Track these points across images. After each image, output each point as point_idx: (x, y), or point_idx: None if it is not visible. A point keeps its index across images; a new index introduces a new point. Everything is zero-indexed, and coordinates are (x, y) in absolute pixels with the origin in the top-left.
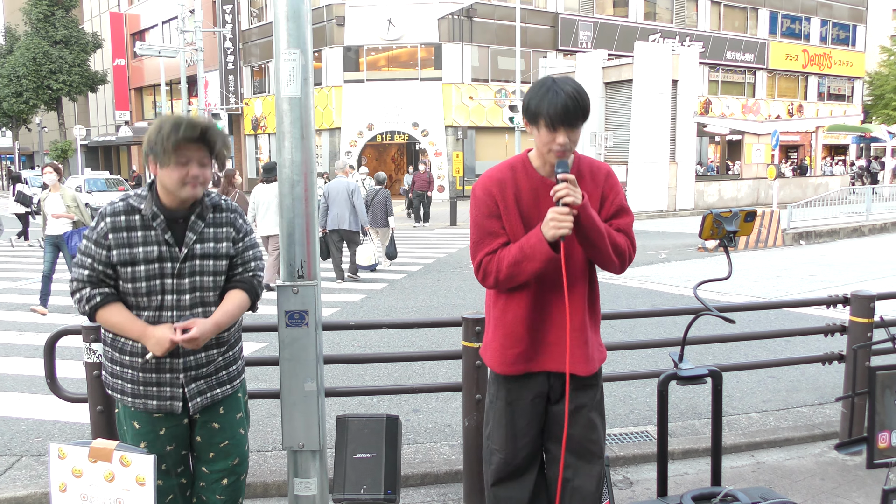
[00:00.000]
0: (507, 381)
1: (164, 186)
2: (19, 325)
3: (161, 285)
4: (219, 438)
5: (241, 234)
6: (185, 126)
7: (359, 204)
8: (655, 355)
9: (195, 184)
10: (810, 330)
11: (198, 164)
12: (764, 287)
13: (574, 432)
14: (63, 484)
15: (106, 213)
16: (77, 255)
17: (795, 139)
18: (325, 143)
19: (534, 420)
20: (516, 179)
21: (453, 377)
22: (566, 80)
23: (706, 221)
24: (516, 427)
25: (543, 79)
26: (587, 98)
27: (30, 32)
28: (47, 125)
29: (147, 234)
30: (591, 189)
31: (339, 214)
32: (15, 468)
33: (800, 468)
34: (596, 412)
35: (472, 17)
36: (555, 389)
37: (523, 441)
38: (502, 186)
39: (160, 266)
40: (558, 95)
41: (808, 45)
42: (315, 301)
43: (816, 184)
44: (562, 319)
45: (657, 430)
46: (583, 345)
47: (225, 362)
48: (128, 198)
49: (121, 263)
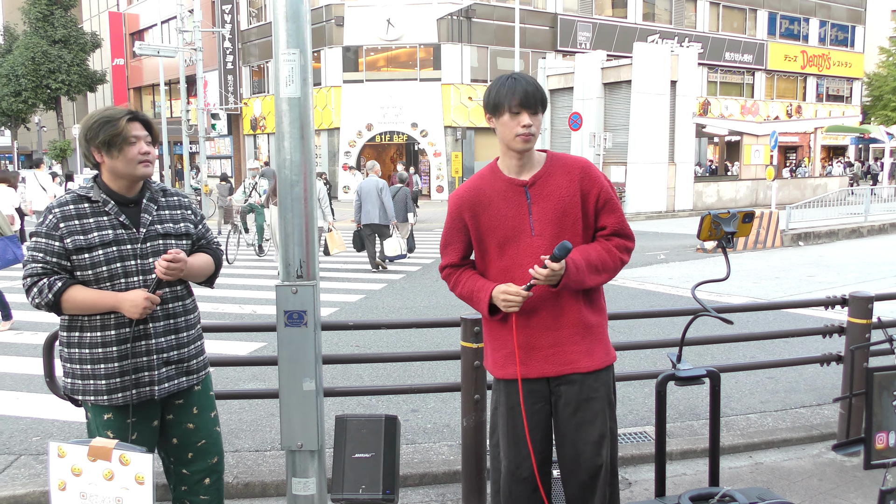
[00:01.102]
0: (507, 385)
1: (116, 172)
2: (17, 325)
3: (123, 268)
4: (195, 438)
5: (199, 217)
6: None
7: (387, 201)
8: (654, 356)
9: (147, 161)
10: (809, 331)
11: (145, 141)
12: (762, 288)
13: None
14: (62, 482)
15: (53, 206)
16: (26, 254)
17: (794, 140)
18: (325, 144)
19: (535, 428)
20: (484, 187)
21: (452, 377)
22: (523, 74)
23: (704, 222)
24: (518, 433)
25: (501, 75)
26: (540, 86)
27: (29, 32)
28: (46, 125)
29: (100, 219)
30: (565, 184)
31: (371, 210)
32: (14, 467)
33: (798, 469)
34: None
35: (471, 18)
36: (556, 394)
37: (526, 449)
38: (471, 199)
39: (118, 249)
40: (518, 82)
41: (807, 45)
42: (314, 301)
43: (815, 185)
44: (553, 322)
45: (655, 431)
46: (580, 340)
47: (194, 351)
48: (72, 191)
49: (76, 250)
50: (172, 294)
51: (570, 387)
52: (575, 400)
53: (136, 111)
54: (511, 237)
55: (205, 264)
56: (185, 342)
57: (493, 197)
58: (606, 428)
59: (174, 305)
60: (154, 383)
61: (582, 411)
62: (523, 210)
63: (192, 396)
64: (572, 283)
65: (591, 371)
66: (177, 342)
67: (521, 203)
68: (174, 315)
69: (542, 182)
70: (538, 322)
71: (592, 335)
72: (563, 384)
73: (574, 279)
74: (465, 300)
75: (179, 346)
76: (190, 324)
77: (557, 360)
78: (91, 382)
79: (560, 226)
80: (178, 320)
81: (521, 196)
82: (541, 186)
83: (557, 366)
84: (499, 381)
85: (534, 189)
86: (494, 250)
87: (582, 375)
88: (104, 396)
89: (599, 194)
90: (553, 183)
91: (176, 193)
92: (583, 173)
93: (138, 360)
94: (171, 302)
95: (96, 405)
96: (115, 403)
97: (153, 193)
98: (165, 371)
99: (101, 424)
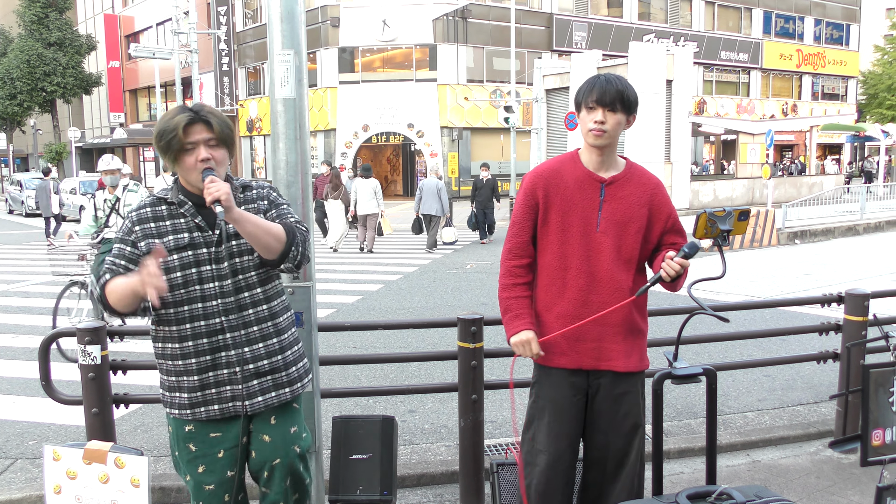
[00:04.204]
0: (549, 376)
1: (185, 179)
2: (14, 328)
3: (199, 274)
4: (271, 454)
5: (273, 203)
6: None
7: (444, 197)
8: (649, 354)
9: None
10: (805, 329)
11: (205, 146)
12: (759, 286)
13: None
14: (58, 486)
15: (132, 210)
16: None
17: (790, 139)
18: (321, 145)
19: (573, 420)
20: (563, 171)
21: (449, 378)
22: (615, 75)
23: (700, 220)
24: (562, 426)
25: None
26: (628, 87)
27: (23, 34)
28: (41, 127)
29: (176, 222)
30: (638, 194)
31: (430, 204)
32: (10, 471)
33: (795, 466)
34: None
35: (467, 18)
36: (593, 387)
37: (566, 440)
38: (547, 179)
39: (195, 254)
40: (598, 80)
41: (802, 44)
42: (311, 302)
43: (811, 183)
44: (602, 317)
45: (652, 430)
46: (621, 340)
47: (291, 358)
48: (154, 194)
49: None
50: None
51: (607, 381)
52: (610, 394)
53: (199, 110)
54: (577, 227)
55: (268, 226)
56: (275, 349)
57: (569, 182)
58: (641, 419)
59: (254, 311)
60: (242, 398)
61: (617, 404)
62: (595, 204)
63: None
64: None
65: (625, 371)
66: (266, 350)
67: (594, 197)
68: (256, 322)
69: (619, 185)
70: (588, 315)
71: (634, 339)
72: (600, 378)
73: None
74: (500, 306)
75: (270, 354)
76: (280, 328)
77: (597, 355)
78: (176, 395)
79: (623, 231)
80: (262, 326)
81: (595, 191)
82: (617, 188)
83: (595, 360)
84: (541, 373)
85: (610, 188)
86: (556, 236)
87: (616, 374)
88: (187, 410)
89: (670, 216)
90: (628, 189)
91: (256, 187)
92: (656, 191)
93: (219, 372)
94: (248, 308)
95: (179, 419)
96: (199, 418)
97: (236, 190)
98: (257, 383)
99: (182, 437)
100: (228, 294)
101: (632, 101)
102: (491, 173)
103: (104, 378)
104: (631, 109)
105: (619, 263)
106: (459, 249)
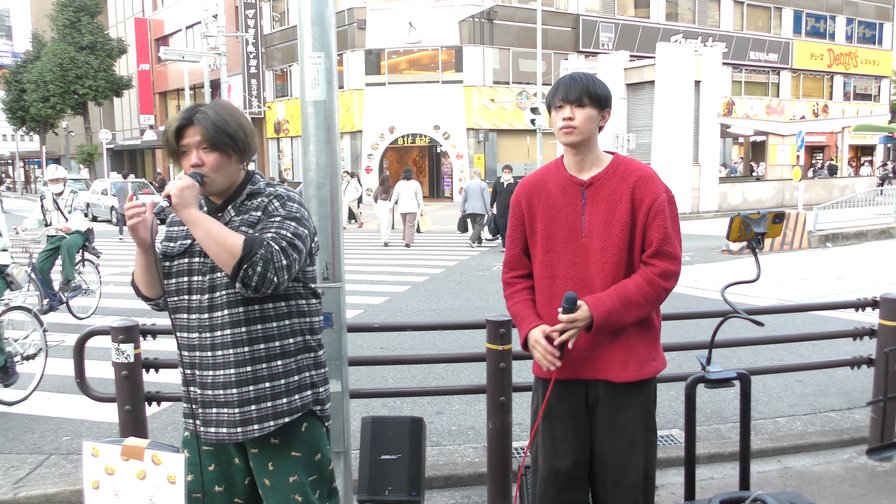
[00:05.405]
0: (545, 385)
1: None
2: (48, 326)
3: (189, 284)
4: (272, 500)
5: (267, 214)
6: (172, 119)
7: (486, 197)
8: (679, 358)
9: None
10: (838, 333)
11: (196, 149)
12: (790, 290)
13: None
14: (96, 481)
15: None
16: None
17: (821, 140)
18: (347, 147)
19: (572, 431)
20: (546, 179)
21: (476, 379)
22: (579, 71)
23: (734, 223)
24: (555, 434)
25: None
26: (596, 83)
27: (56, 38)
28: (74, 129)
29: (185, 227)
30: (619, 190)
31: (475, 203)
32: (44, 466)
33: (828, 474)
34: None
35: (493, 20)
36: (592, 397)
37: (563, 449)
38: (529, 189)
39: (189, 262)
40: (563, 78)
41: (834, 44)
42: (340, 303)
43: (843, 185)
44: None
45: (685, 434)
46: (617, 350)
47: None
48: None
49: (163, 257)
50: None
51: (605, 392)
52: (608, 405)
53: (194, 114)
54: (561, 234)
55: (219, 235)
56: (244, 379)
57: (552, 189)
58: (640, 436)
59: (231, 332)
60: (202, 422)
61: (614, 417)
62: (577, 209)
63: (269, 450)
64: (608, 325)
65: (622, 382)
66: (224, 380)
67: (576, 202)
68: (232, 345)
69: (599, 185)
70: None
71: (629, 347)
72: (598, 388)
73: (608, 322)
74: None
75: (227, 384)
76: (270, 353)
77: (591, 365)
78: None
79: (607, 232)
80: (237, 350)
81: (577, 195)
82: (597, 189)
83: (590, 370)
84: (538, 381)
85: (590, 190)
86: (542, 243)
87: (613, 384)
88: (182, 418)
89: (652, 206)
90: (609, 187)
91: (265, 195)
92: (638, 182)
93: (194, 389)
94: (220, 329)
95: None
96: (189, 429)
97: (242, 197)
98: (215, 412)
99: (183, 441)
100: (204, 310)
101: (600, 94)
102: (513, 176)
103: (137, 376)
104: (602, 104)
105: (607, 267)
106: (486, 251)
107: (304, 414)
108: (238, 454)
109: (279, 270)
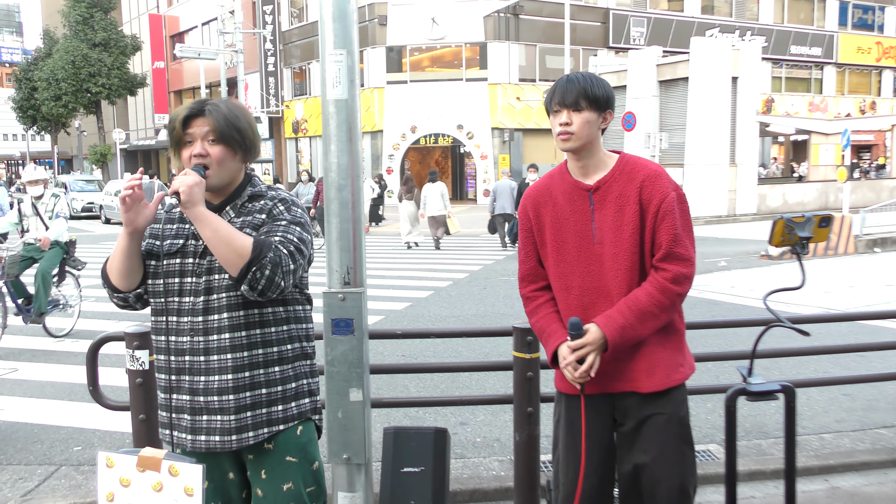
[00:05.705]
0: (567, 399)
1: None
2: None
3: (180, 285)
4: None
5: (273, 217)
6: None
7: (516, 197)
8: (716, 369)
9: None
10: (889, 345)
11: (202, 140)
12: (834, 298)
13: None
14: (111, 493)
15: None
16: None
17: (868, 138)
18: (368, 146)
19: (597, 447)
20: (552, 187)
21: (501, 389)
22: (578, 72)
23: (777, 227)
24: (577, 450)
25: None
26: (595, 83)
27: (69, 35)
28: (86, 129)
29: (180, 226)
30: (627, 191)
31: (503, 204)
32: (54, 478)
33: (880, 495)
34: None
35: (519, 15)
36: (619, 412)
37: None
38: (535, 199)
39: (181, 263)
40: (560, 80)
41: (882, 36)
42: (362, 309)
43: (892, 186)
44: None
45: (725, 449)
46: (640, 358)
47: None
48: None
49: (146, 254)
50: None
51: (633, 403)
52: (636, 417)
53: (205, 104)
54: (572, 242)
55: (228, 235)
56: (241, 385)
57: (558, 197)
58: (671, 447)
59: (230, 336)
60: (188, 431)
61: (643, 428)
62: (586, 216)
63: (263, 456)
64: (624, 342)
65: (650, 392)
66: (219, 386)
67: (584, 208)
68: (231, 349)
69: (607, 188)
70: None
71: (652, 354)
72: (624, 400)
73: (623, 338)
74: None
75: (223, 390)
76: (254, 361)
77: (616, 377)
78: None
79: (618, 236)
80: (236, 355)
81: (584, 201)
82: (604, 192)
83: (616, 382)
84: (560, 394)
85: (597, 194)
86: (553, 254)
87: (642, 395)
88: (160, 430)
89: (660, 206)
90: (616, 189)
91: (269, 197)
92: (646, 181)
93: (180, 396)
94: (215, 333)
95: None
96: (166, 440)
97: (243, 199)
98: (206, 420)
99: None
100: (198, 313)
101: (600, 96)
102: (539, 176)
103: (152, 383)
104: (602, 106)
105: (621, 273)
106: (511, 255)
107: (300, 421)
108: (233, 468)
109: (286, 275)
